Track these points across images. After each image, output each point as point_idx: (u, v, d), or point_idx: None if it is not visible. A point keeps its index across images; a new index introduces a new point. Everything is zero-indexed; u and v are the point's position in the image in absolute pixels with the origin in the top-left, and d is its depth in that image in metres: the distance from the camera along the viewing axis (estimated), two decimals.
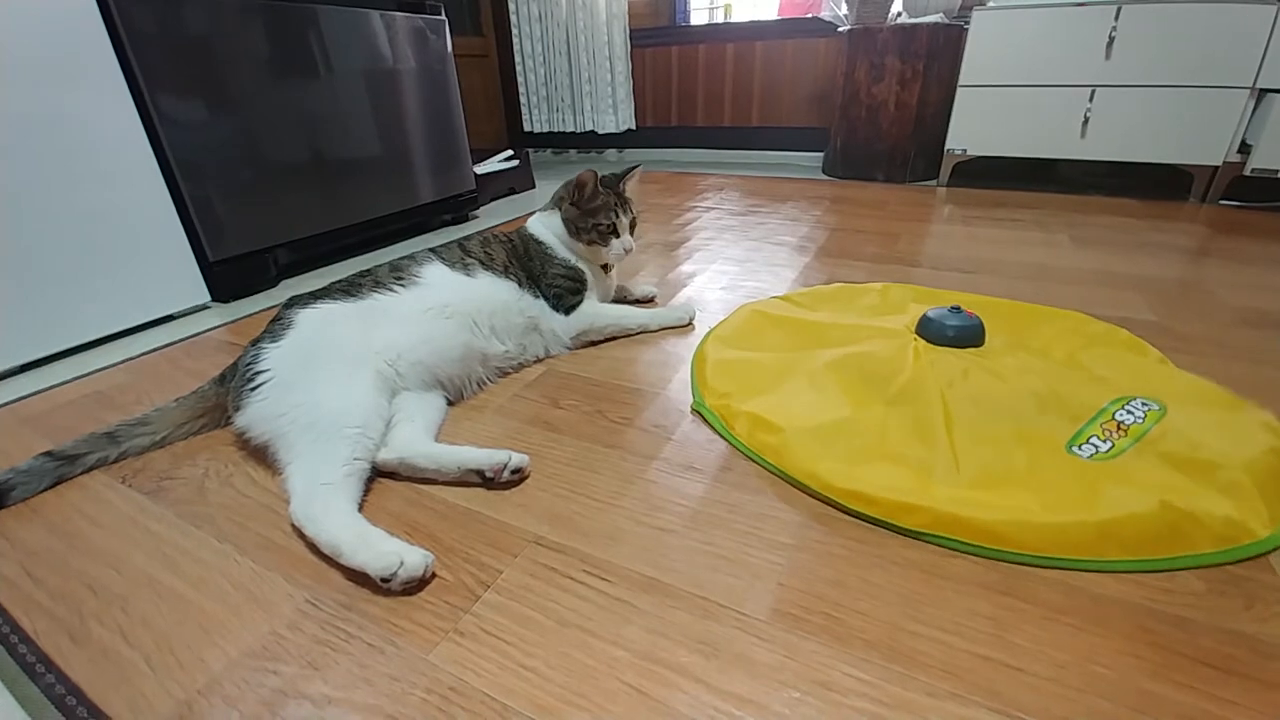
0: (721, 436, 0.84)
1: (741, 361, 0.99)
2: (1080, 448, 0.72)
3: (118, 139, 1.20)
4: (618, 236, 1.13)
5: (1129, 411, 0.76)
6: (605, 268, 1.19)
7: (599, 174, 1.12)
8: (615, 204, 1.12)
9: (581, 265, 1.13)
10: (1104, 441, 0.72)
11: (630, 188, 1.18)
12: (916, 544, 0.65)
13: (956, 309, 0.98)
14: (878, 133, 2.58)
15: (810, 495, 0.72)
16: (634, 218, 1.16)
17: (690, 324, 1.20)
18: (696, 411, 0.90)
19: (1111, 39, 2.04)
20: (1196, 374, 0.92)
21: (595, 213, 1.10)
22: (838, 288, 1.32)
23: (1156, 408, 0.76)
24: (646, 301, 1.34)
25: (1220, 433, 0.72)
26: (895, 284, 1.31)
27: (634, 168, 1.20)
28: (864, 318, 1.11)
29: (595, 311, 1.11)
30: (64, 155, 1.12)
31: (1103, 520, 0.62)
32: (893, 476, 0.70)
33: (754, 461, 0.79)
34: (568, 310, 1.08)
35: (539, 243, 1.12)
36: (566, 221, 1.12)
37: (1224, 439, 0.71)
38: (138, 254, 1.26)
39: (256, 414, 0.77)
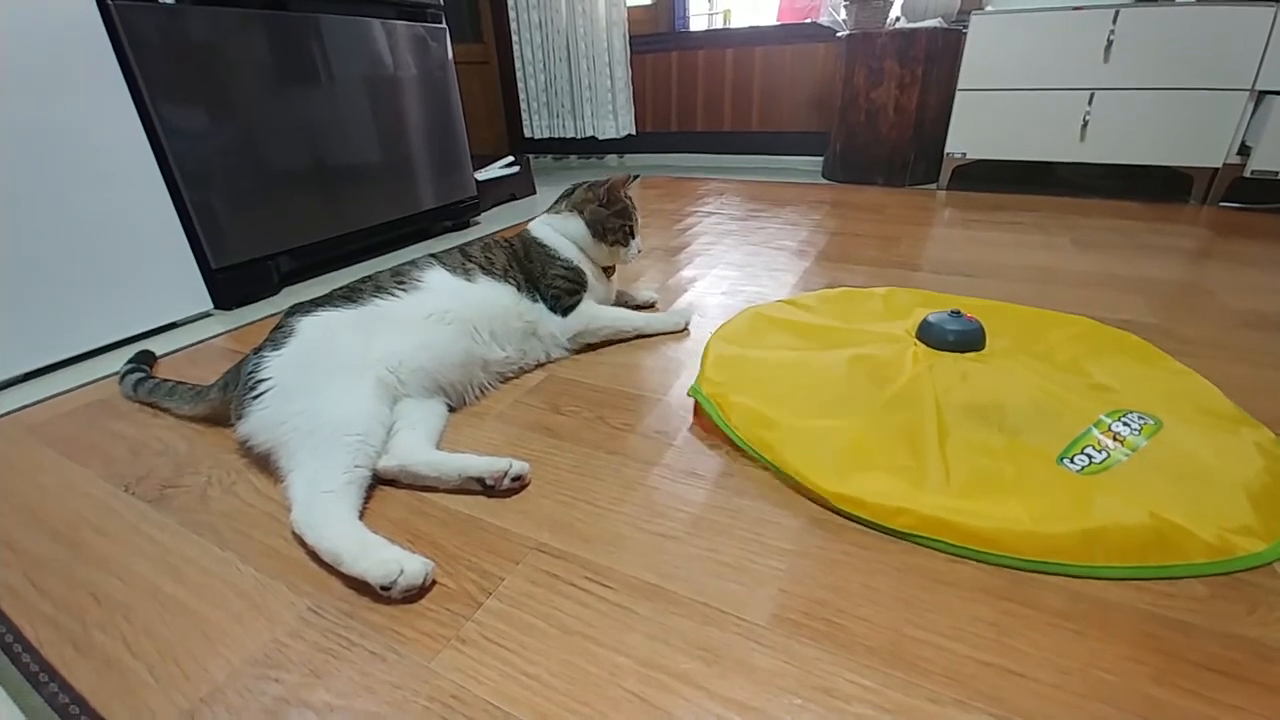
0: (717, 423, 0.84)
1: (742, 358, 0.99)
2: (1073, 459, 0.72)
3: (120, 147, 1.21)
4: (634, 237, 1.19)
5: (1125, 424, 0.76)
6: (608, 272, 1.21)
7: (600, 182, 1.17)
8: (631, 206, 1.18)
9: (584, 267, 1.14)
10: (1098, 452, 0.72)
11: (631, 193, 1.21)
12: (918, 550, 0.65)
13: (957, 313, 0.98)
14: (877, 137, 2.58)
15: (802, 494, 0.73)
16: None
17: (686, 329, 1.21)
18: (693, 397, 0.91)
19: (1110, 42, 2.05)
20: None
21: (621, 214, 1.16)
22: (842, 292, 1.32)
23: (1152, 422, 0.76)
24: (647, 307, 1.34)
25: (1215, 450, 0.72)
26: (900, 289, 1.32)
27: (634, 176, 1.24)
28: (866, 322, 1.12)
29: (592, 313, 1.12)
30: (67, 163, 1.13)
31: (1088, 528, 0.62)
32: (883, 482, 0.70)
33: (746, 452, 0.80)
34: (565, 311, 1.09)
35: (541, 244, 1.13)
36: (593, 223, 1.15)
37: (1218, 456, 0.71)
38: (140, 262, 1.27)
39: (258, 422, 0.77)
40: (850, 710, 0.48)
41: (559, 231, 1.15)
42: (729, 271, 1.57)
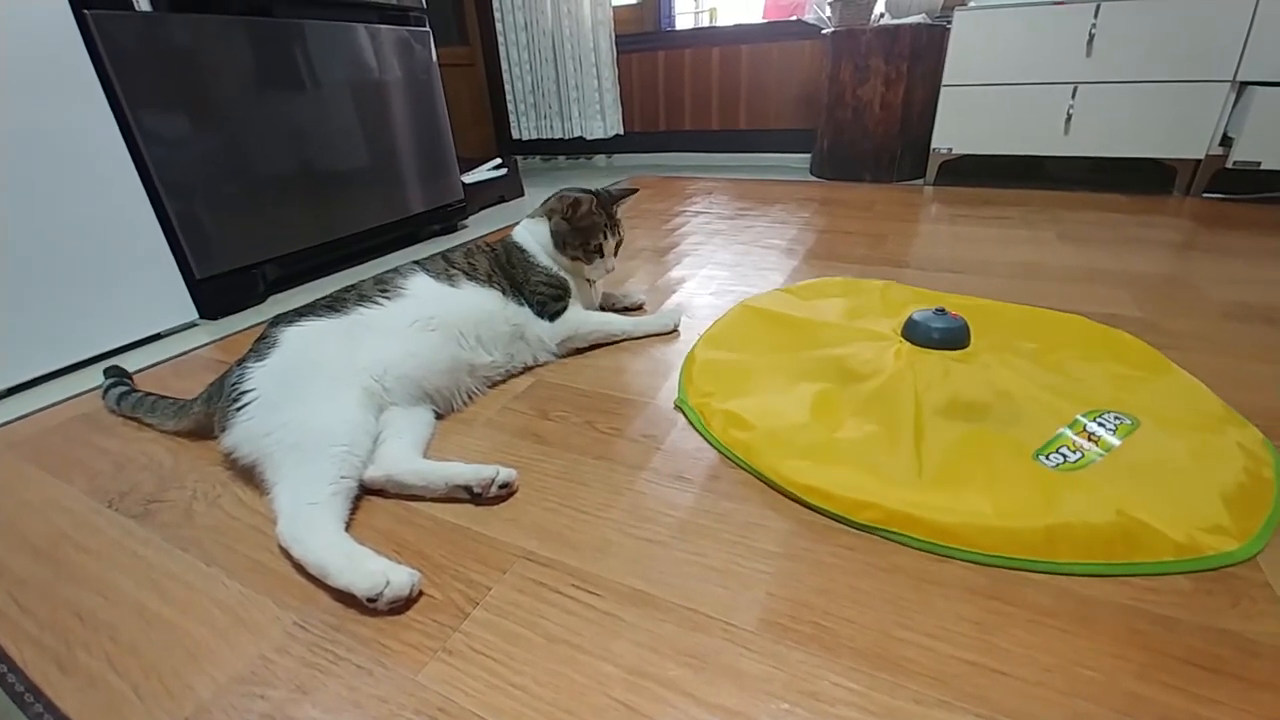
0: (699, 432, 0.86)
1: (727, 363, 1.00)
2: (1048, 457, 0.72)
3: (100, 157, 1.20)
4: (602, 256, 1.14)
5: (1100, 423, 0.77)
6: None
7: (597, 192, 1.13)
8: (606, 225, 1.13)
9: (563, 274, 1.13)
10: (1073, 452, 0.73)
11: (622, 210, 1.19)
12: (904, 550, 0.65)
13: (941, 311, 0.99)
14: (864, 133, 2.59)
15: (775, 490, 0.74)
16: (621, 239, 1.17)
17: (675, 330, 1.20)
18: (678, 408, 0.92)
19: (1092, 36, 2.06)
20: (1185, 370, 0.93)
21: (586, 231, 1.12)
22: (838, 281, 1.32)
23: (1129, 421, 0.77)
24: (635, 309, 1.34)
25: (1192, 450, 0.73)
26: (897, 283, 1.32)
27: (632, 192, 1.20)
28: (855, 319, 1.12)
29: (580, 318, 1.11)
30: (46, 175, 1.12)
31: (1052, 524, 0.63)
32: (852, 477, 0.71)
33: (725, 456, 0.81)
34: (552, 316, 1.09)
35: (522, 250, 1.13)
36: (554, 234, 1.12)
37: (1195, 456, 0.72)
38: (124, 273, 1.26)
39: (242, 434, 0.77)
40: (836, 713, 0.49)
41: (535, 238, 1.14)
42: (718, 271, 1.57)
